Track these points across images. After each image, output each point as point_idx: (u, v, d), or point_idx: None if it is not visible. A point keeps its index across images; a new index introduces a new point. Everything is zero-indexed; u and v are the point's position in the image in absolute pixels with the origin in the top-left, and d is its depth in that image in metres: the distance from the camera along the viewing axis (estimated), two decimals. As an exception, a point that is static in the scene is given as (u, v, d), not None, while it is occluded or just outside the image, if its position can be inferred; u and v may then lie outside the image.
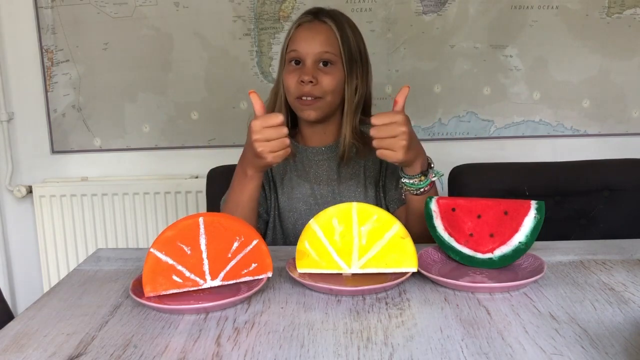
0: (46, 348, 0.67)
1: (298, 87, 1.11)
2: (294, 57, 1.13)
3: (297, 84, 1.11)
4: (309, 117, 1.13)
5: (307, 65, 1.11)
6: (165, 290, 0.80)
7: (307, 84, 1.10)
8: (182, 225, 0.82)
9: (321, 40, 1.11)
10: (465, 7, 1.75)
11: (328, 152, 1.20)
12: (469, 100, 1.82)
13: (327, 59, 1.12)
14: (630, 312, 0.72)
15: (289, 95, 1.14)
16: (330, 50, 1.11)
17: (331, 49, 1.11)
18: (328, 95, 1.12)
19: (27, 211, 1.90)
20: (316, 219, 0.87)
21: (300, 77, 1.10)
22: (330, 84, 1.11)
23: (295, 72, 1.12)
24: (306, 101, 1.11)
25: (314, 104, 1.12)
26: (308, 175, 1.19)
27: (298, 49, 1.12)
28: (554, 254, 0.95)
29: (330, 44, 1.12)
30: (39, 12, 1.77)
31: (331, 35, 1.12)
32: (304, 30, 1.13)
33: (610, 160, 1.42)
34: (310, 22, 1.14)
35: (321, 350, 0.65)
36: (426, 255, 0.92)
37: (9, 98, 1.83)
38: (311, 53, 1.11)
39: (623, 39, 1.77)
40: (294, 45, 1.12)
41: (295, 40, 1.13)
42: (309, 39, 1.12)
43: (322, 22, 1.13)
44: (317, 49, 1.11)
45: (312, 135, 1.21)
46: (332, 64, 1.12)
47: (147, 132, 1.85)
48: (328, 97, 1.12)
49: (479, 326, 0.69)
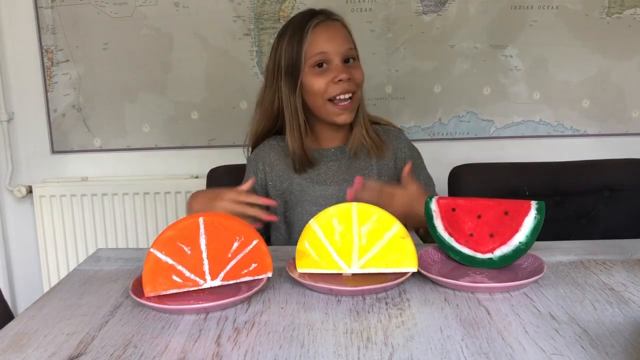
0: (46, 348, 0.67)
1: (333, 87, 1.09)
2: (320, 60, 1.10)
3: (332, 84, 1.09)
4: (346, 120, 1.13)
5: (337, 64, 1.10)
6: (165, 290, 0.80)
7: (345, 82, 1.09)
8: (182, 225, 0.82)
9: (343, 37, 1.12)
10: (465, 7, 1.75)
11: (338, 153, 1.19)
12: (469, 100, 1.82)
13: (352, 55, 1.12)
14: (630, 312, 0.72)
15: (319, 99, 1.11)
16: (352, 46, 1.13)
17: (352, 45, 1.13)
18: (359, 90, 1.13)
19: (27, 211, 1.90)
20: (316, 219, 0.87)
21: (335, 76, 1.09)
22: (360, 77, 1.13)
23: (325, 74, 1.10)
24: (343, 104, 1.11)
25: (349, 107, 1.12)
26: (318, 177, 1.17)
27: (325, 51, 1.09)
28: (554, 254, 0.95)
29: (349, 40, 1.13)
30: (39, 12, 1.77)
31: (346, 32, 1.14)
32: (324, 31, 1.10)
33: (610, 160, 1.42)
34: (325, 22, 1.12)
35: (321, 350, 0.65)
36: (426, 255, 0.92)
37: (9, 98, 1.83)
38: (339, 52, 1.10)
39: (623, 39, 1.77)
40: (318, 48, 1.09)
41: (317, 42, 1.09)
42: (333, 39, 1.10)
43: (335, 21, 1.13)
44: (343, 46, 1.11)
45: (327, 137, 1.20)
46: (353, 60, 1.13)
47: (147, 132, 1.85)
48: (358, 92, 1.13)
49: (479, 326, 0.69)
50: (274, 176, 1.19)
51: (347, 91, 1.10)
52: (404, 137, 1.25)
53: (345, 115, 1.12)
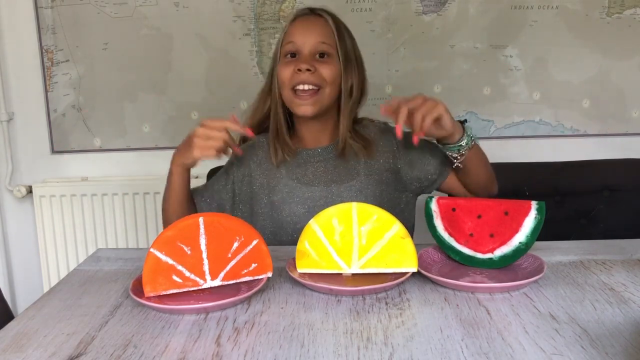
0: (46, 348, 0.67)
1: (294, 77, 1.09)
2: (290, 49, 1.11)
3: (293, 74, 1.09)
4: (305, 112, 1.11)
5: (304, 54, 1.10)
6: (165, 290, 0.80)
7: (304, 72, 1.08)
8: (182, 225, 0.82)
9: (318, 31, 1.11)
10: (465, 7, 1.75)
11: (324, 154, 1.18)
12: (469, 100, 1.82)
13: (324, 50, 1.10)
14: (630, 312, 0.72)
15: (284, 89, 1.11)
16: (327, 42, 1.11)
17: (328, 40, 1.11)
18: (327, 87, 1.10)
19: (27, 211, 1.90)
20: (316, 219, 0.87)
21: (296, 66, 1.08)
22: (328, 74, 1.10)
23: (291, 63, 1.10)
24: (303, 95, 1.09)
25: (311, 98, 1.10)
26: (305, 178, 1.16)
27: (294, 41, 1.10)
28: (554, 254, 0.95)
29: (326, 36, 1.11)
30: (39, 12, 1.77)
31: (327, 28, 1.12)
32: (300, 23, 1.12)
33: (610, 160, 1.42)
34: (306, 16, 1.13)
35: (321, 350, 0.65)
36: (426, 255, 0.92)
37: (9, 98, 1.83)
38: (308, 43, 1.10)
39: (623, 39, 1.77)
40: (290, 38, 1.11)
41: (291, 33, 1.11)
42: (306, 31, 1.11)
43: (318, 16, 1.13)
44: (314, 39, 1.10)
45: (309, 136, 1.19)
46: (328, 56, 1.11)
47: (147, 132, 1.85)
48: (327, 88, 1.11)
49: (479, 326, 0.69)
50: (260, 173, 1.18)
51: (306, 82, 1.08)
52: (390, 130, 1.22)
53: (305, 107, 1.10)
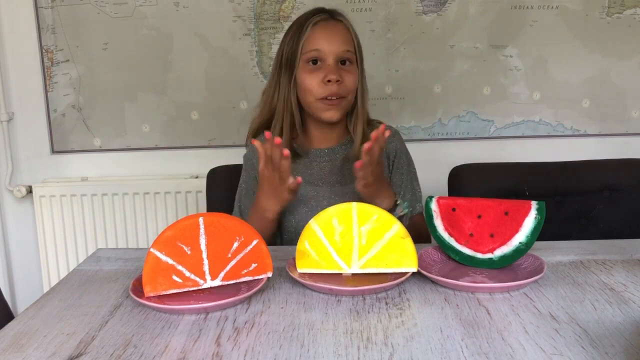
0: (46, 348, 0.67)
1: (323, 87, 1.10)
2: (314, 56, 1.11)
3: (322, 84, 1.09)
4: (332, 118, 1.13)
5: (330, 64, 1.10)
6: (165, 290, 0.80)
7: (334, 84, 1.09)
8: (182, 225, 0.82)
9: (341, 39, 1.11)
10: (465, 7, 1.75)
11: (331, 154, 1.19)
12: (469, 100, 1.82)
13: (348, 58, 1.12)
14: (630, 312, 0.72)
15: (309, 96, 1.12)
16: (350, 49, 1.12)
17: (350, 48, 1.12)
18: (350, 95, 1.13)
19: (27, 211, 1.90)
20: (316, 219, 0.87)
21: (325, 76, 1.09)
22: (352, 83, 1.12)
23: (317, 72, 1.10)
24: (333, 101, 1.11)
25: (339, 104, 1.12)
26: (311, 177, 1.18)
27: (320, 48, 1.10)
28: (554, 254, 0.95)
29: (348, 43, 1.12)
30: (39, 12, 1.77)
31: (348, 34, 1.13)
32: (323, 29, 1.11)
33: (610, 160, 1.42)
34: (327, 21, 1.13)
35: (321, 350, 0.65)
36: (426, 255, 0.92)
37: (9, 98, 1.83)
38: (333, 52, 1.10)
39: (623, 39, 1.77)
40: (314, 45, 1.10)
41: (313, 39, 1.11)
42: (330, 38, 1.11)
43: (338, 21, 1.13)
44: (339, 47, 1.10)
45: (320, 136, 1.20)
46: (350, 63, 1.13)
47: (147, 132, 1.85)
48: (349, 96, 1.13)
49: (479, 326, 0.69)
50: None
51: (336, 95, 1.10)
52: (398, 138, 1.25)
53: (332, 112, 1.12)
